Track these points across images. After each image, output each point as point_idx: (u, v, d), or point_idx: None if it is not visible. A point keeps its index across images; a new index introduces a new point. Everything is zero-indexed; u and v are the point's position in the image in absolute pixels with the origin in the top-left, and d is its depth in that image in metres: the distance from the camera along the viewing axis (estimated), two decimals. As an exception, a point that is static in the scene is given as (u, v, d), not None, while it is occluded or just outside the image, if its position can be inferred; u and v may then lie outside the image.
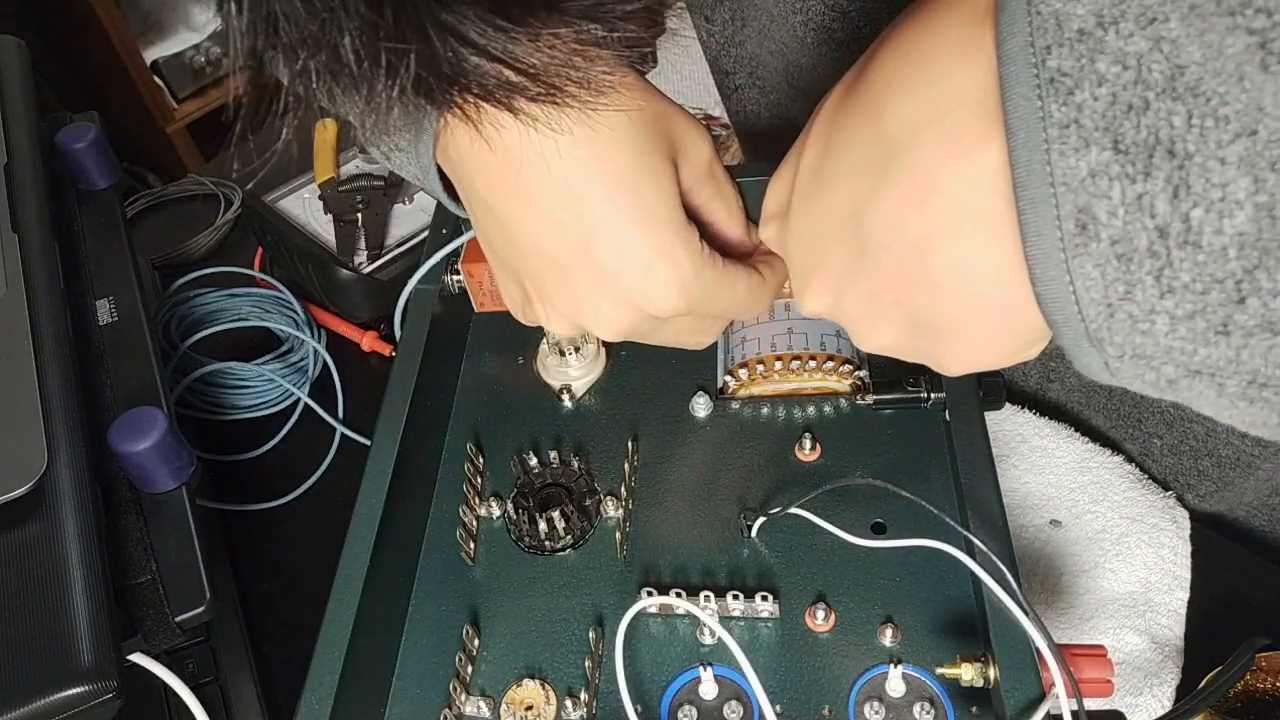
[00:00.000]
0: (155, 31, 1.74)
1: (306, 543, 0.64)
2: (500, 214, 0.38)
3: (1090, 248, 0.24)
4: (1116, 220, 0.23)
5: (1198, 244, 0.22)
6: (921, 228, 0.29)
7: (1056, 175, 0.23)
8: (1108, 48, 0.22)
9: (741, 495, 0.46)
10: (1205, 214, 0.21)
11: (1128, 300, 0.24)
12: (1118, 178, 0.22)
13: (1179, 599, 0.54)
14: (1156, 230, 0.22)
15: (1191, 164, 0.21)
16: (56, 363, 0.47)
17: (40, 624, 0.39)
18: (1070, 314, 0.25)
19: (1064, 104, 0.23)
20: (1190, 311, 0.23)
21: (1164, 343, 0.24)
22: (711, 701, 0.40)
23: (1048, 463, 0.60)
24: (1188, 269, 0.22)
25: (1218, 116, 0.21)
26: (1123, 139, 0.22)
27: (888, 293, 0.31)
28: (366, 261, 0.72)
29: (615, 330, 0.39)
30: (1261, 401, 0.24)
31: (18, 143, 0.59)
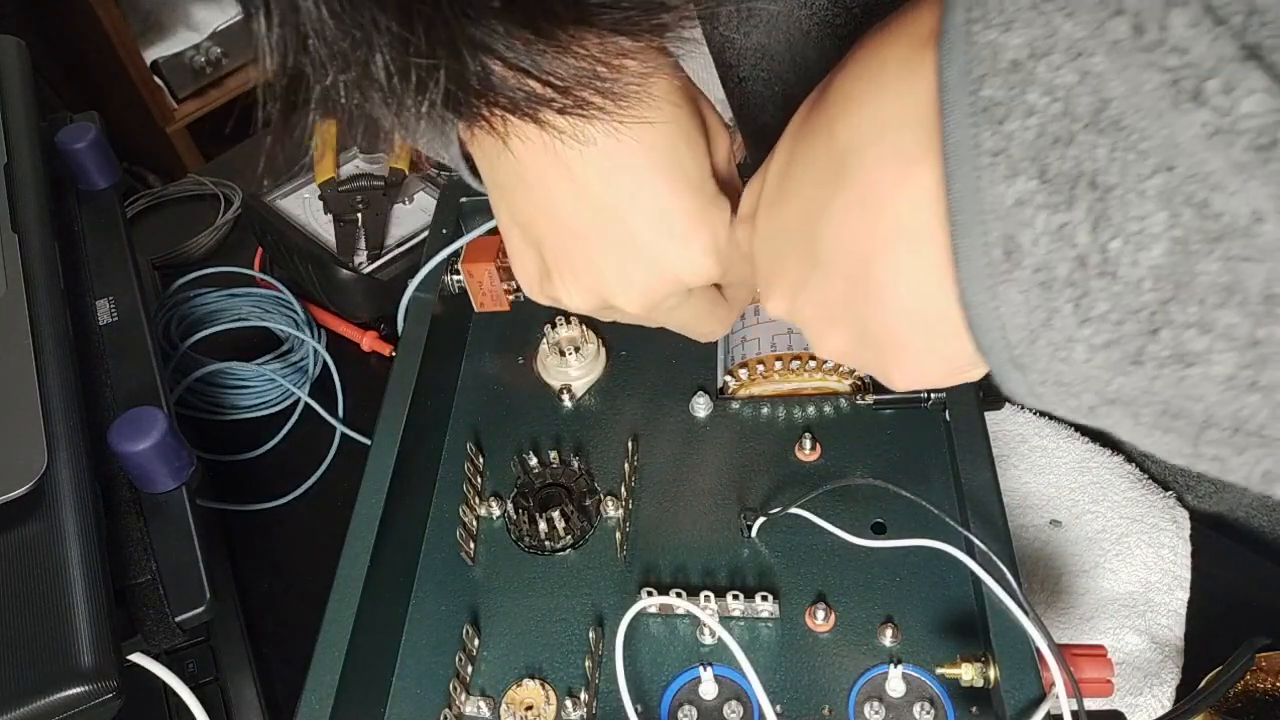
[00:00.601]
0: (155, 31, 1.74)
1: (306, 543, 0.64)
2: (532, 180, 0.37)
3: (1015, 274, 0.24)
4: (1039, 248, 0.23)
5: (1114, 274, 0.22)
6: (866, 242, 0.29)
7: (985, 202, 0.24)
8: (1038, 79, 0.22)
9: (741, 495, 0.46)
10: (1123, 245, 0.22)
11: (1048, 328, 0.24)
12: (1042, 207, 0.23)
13: (1179, 599, 0.53)
14: (1076, 260, 0.23)
15: (1112, 196, 0.22)
16: (56, 363, 0.47)
17: (40, 624, 0.39)
18: (996, 339, 0.25)
19: (995, 133, 0.23)
20: (1106, 341, 0.23)
21: (1082, 371, 0.24)
22: (711, 701, 0.40)
23: (1048, 463, 0.60)
24: (1105, 299, 0.23)
25: (1138, 151, 0.21)
26: (1048, 169, 0.23)
27: (837, 302, 0.32)
28: (366, 261, 0.72)
29: (639, 301, 0.39)
30: (1174, 432, 0.24)
31: (18, 143, 0.59)
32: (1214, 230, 0.21)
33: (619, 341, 0.53)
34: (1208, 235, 0.21)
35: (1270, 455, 0.22)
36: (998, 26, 0.23)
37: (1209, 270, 0.21)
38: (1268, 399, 0.21)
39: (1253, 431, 0.22)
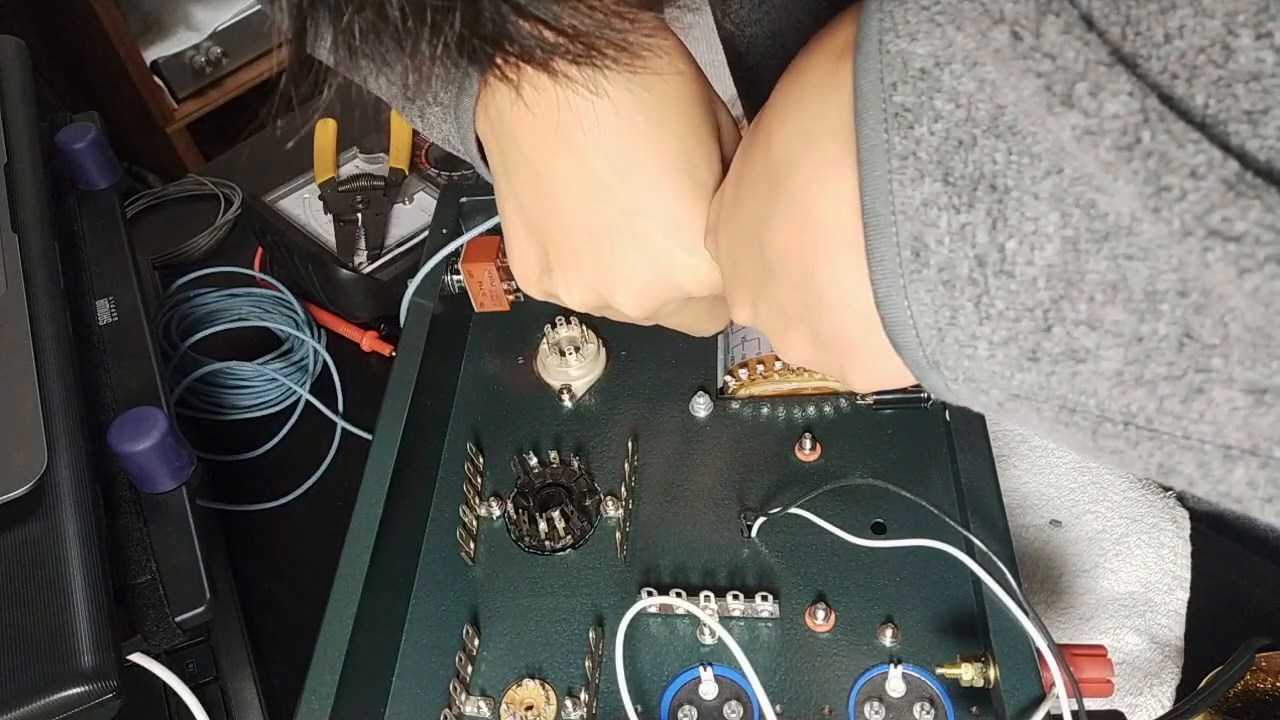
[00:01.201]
0: (155, 31, 1.74)
1: (306, 543, 0.64)
2: (542, 171, 0.37)
3: (922, 274, 0.25)
4: (943, 248, 0.24)
5: (1011, 273, 0.23)
6: (803, 249, 0.30)
7: (896, 204, 0.25)
8: (944, 86, 0.23)
9: (741, 495, 0.46)
10: (1019, 245, 0.23)
11: (953, 325, 0.25)
12: (945, 208, 0.24)
13: (1179, 599, 0.53)
14: (976, 259, 0.24)
15: (1009, 198, 0.23)
16: (56, 363, 0.47)
17: (40, 624, 0.39)
18: (910, 338, 0.26)
19: (905, 137, 0.24)
20: (1005, 338, 0.24)
21: (986, 367, 0.25)
22: (711, 701, 0.40)
23: (1048, 463, 0.60)
24: (1002, 297, 0.24)
25: (1031, 154, 0.22)
26: (952, 172, 0.24)
27: (790, 308, 0.33)
28: (366, 261, 0.72)
29: (641, 304, 0.39)
30: (1074, 426, 0.25)
31: (18, 143, 0.59)
32: (1101, 230, 0.21)
33: (619, 341, 0.53)
34: (1095, 235, 0.22)
35: (1160, 449, 0.23)
36: (905, 36, 0.24)
37: (1097, 269, 0.22)
38: (1152, 394, 0.22)
39: (1142, 425, 0.23)
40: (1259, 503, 0.22)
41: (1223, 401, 0.21)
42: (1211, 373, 0.21)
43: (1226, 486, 0.22)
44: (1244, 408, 0.21)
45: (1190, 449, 0.22)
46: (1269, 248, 0.19)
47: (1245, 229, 0.19)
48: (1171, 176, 0.20)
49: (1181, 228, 0.20)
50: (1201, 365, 0.21)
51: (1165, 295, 0.21)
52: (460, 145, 0.40)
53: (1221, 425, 0.21)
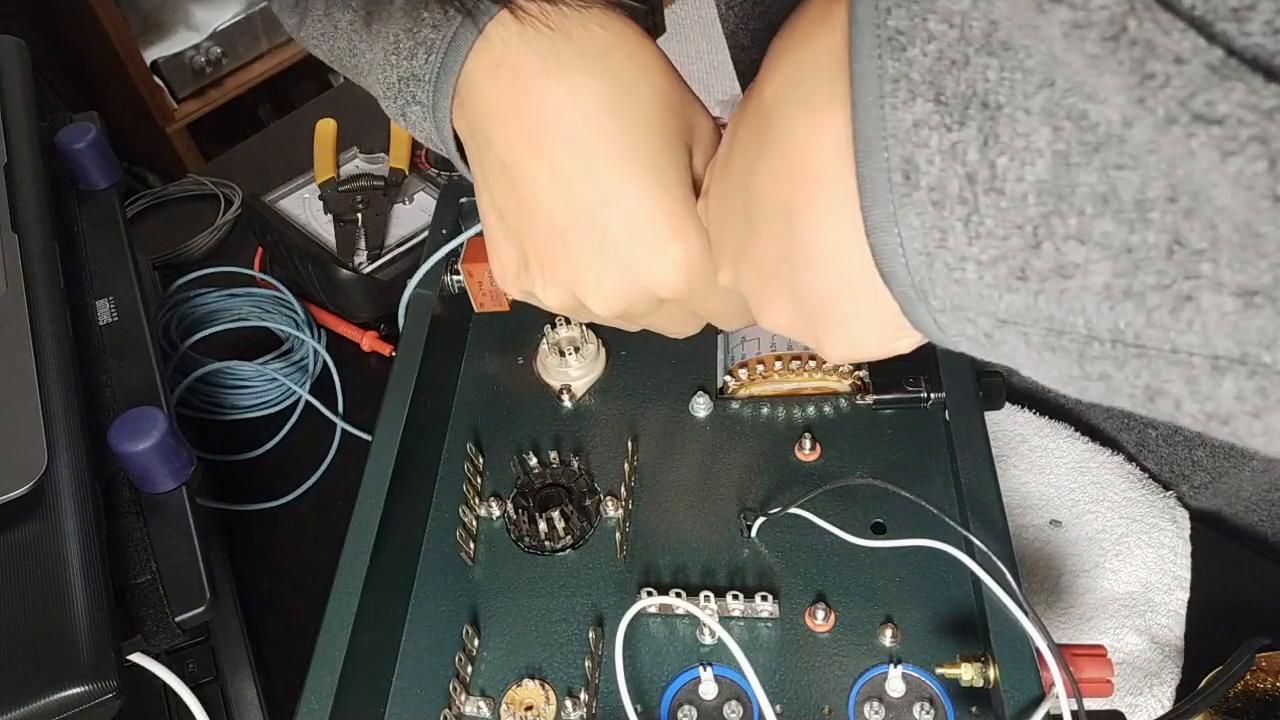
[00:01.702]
0: (155, 31, 1.74)
1: (306, 543, 0.64)
2: (514, 171, 0.37)
3: (912, 196, 0.25)
4: (933, 168, 0.24)
5: (1001, 190, 0.23)
6: (787, 197, 0.30)
7: (888, 127, 0.25)
8: (938, 7, 0.23)
9: (741, 495, 0.46)
10: (1009, 162, 0.23)
11: (942, 247, 0.25)
12: (936, 128, 0.24)
13: (1179, 599, 0.53)
14: (966, 177, 0.24)
15: (1001, 114, 0.23)
16: (56, 363, 0.47)
17: (40, 624, 0.39)
18: (899, 265, 0.26)
19: (897, 59, 0.24)
20: (994, 257, 0.24)
21: (974, 290, 0.25)
22: (711, 701, 0.40)
23: (1048, 463, 0.60)
24: (992, 215, 0.24)
25: (1024, 69, 0.22)
26: (944, 91, 0.24)
27: (771, 266, 0.33)
28: (366, 261, 0.72)
29: (610, 306, 0.39)
30: (1061, 350, 0.25)
31: (18, 143, 0.59)
32: (1091, 141, 0.21)
33: (619, 341, 0.53)
34: (1086, 146, 0.22)
35: (1148, 368, 0.23)
36: None
37: (1088, 181, 0.22)
38: (1140, 306, 0.22)
39: (1130, 342, 0.23)
40: (1246, 418, 0.22)
41: (1211, 308, 0.21)
42: (1200, 279, 0.21)
43: (1214, 403, 0.22)
44: (1233, 312, 0.21)
45: (1178, 364, 0.22)
46: (1251, 128, 0.19)
47: (1228, 111, 0.19)
48: (1156, 63, 0.19)
49: (1166, 115, 0.20)
50: (1190, 272, 0.21)
51: (1155, 203, 0.21)
52: (441, 145, 0.41)
53: (1210, 334, 0.21)
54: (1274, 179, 0.19)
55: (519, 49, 0.35)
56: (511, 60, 0.35)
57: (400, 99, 0.39)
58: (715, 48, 0.64)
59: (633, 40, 0.36)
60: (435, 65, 0.37)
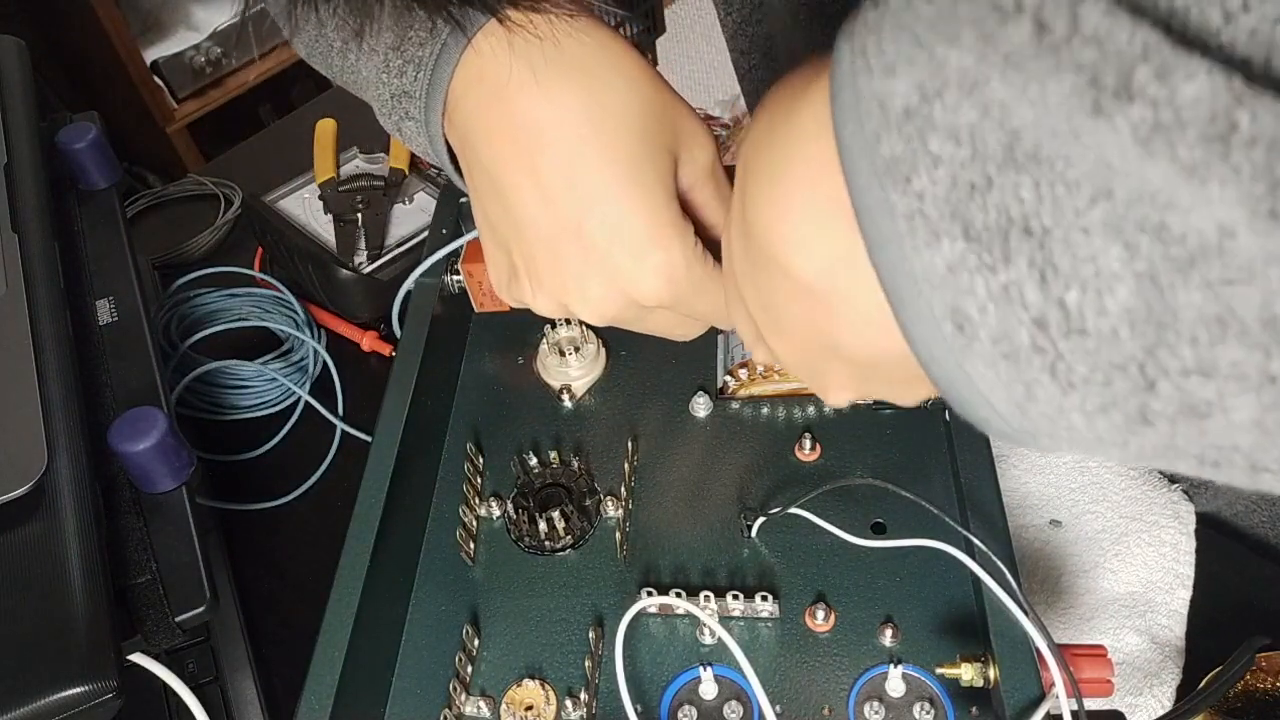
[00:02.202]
0: (155, 31, 1.74)
1: (306, 543, 0.64)
2: (500, 182, 0.38)
3: (974, 348, 0.21)
4: (989, 317, 0.20)
5: (1083, 330, 0.19)
6: (811, 315, 0.28)
7: (917, 273, 0.21)
8: (937, 124, 0.19)
9: (741, 495, 0.46)
10: (1082, 295, 0.19)
11: (1032, 400, 0.21)
12: (977, 269, 0.20)
13: (1179, 599, 0.53)
14: (1034, 322, 0.20)
15: (1052, 240, 0.19)
16: (56, 363, 0.47)
17: (40, 624, 0.39)
18: (988, 414, 0.23)
19: (904, 192, 0.21)
20: (1101, 405, 0.20)
21: (1089, 435, 0.21)
22: (711, 701, 0.40)
23: (1048, 463, 0.60)
24: (1081, 360, 0.20)
25: (1067, 182, 0.18)
26: (972, 224, 0.20)
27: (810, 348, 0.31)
28: (366, 261, 0.72)
29: (599, 314, 0.39)
30: (1228, 465, 0.21)
31: (18, 143, 0.59)
32: (1182, 255, 0.17)
33: (619, 341, 0.53)
34: (1176, 262, 0.18)
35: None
36: (880, 72, 0.20)
37: (1191, 302, 0.18)
38: None
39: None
40: None
41: None
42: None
43: None
44: None
45: None
46: None
47: None
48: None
49: (1269, 212, 0.16)
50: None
51: None
52: (436, 159, 0.41)
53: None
54: None
55: (502, 62, 0.35)
56: (495, 73, 0.35)
57: (394, 115, 0.40)
58: (715, 48, 0.64)
59: (614, 49, 0.37)
60: (424, 81, 0.37)
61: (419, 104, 0.38)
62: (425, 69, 0.37)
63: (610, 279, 0.38)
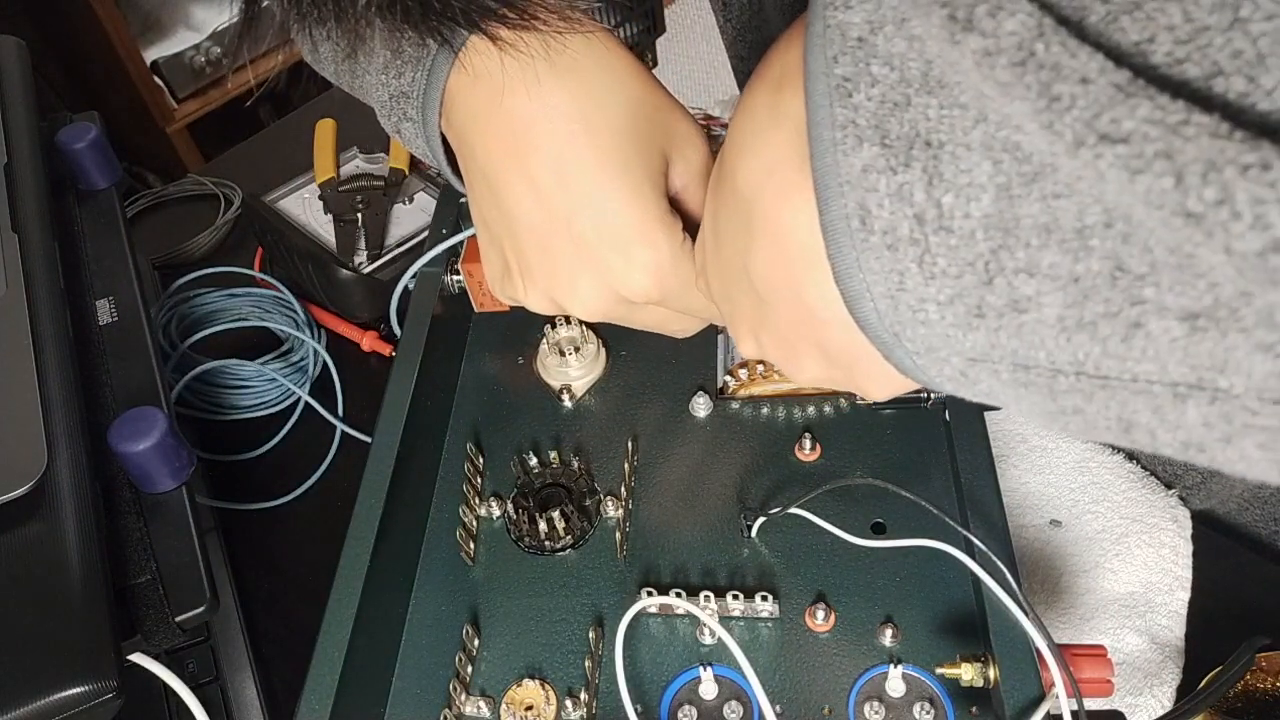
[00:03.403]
0: (155, 31, 1.74)
1: (306, 543, 0.64)
2: (494, 181, 0.38)
3: (870, 241, 0.25)
4: (884, 211, 0.24)
5: (949, 228, 0.23)
6: (787, 275, 0.30)
7: (841, 174, 0.25)
8: (878, 51, 0.24)
9: (741, 495, 0.46)
10: (955, 199, 0.23)
11: (902, 290, 0.25)
12: (883, 171, 0.24)
13: (1179, 599, 0.53)
14: (915, 218, 0.24)
15: (943, 152, 0.23)
16: (56, 363, 0.47)
17: (40, 624, 0.39)
18: (869, 311, 0.26)
19: (845, 106, 0.25)
20: (950, 296, 0.24)
21: (939, 330, 0.25)
22: (711, 701, 0.40)
23: (1048, 463, 0.60)
24: (943, 253, 0.24)
25: (960, 105, 0.22)
26: (889, 134, 0.24)
27: (791, 333, 0.33)
28: (366, 261, 0.72)
29: (591, 310, 0.39)
30: (1032, 385, 0.25)
31: (18, 143, 0.59)
32: (1029, 172, 0.21)
33: (619, 341, 0.53)
34: (1025, 178, 0.22)
35: (1114, 399, 0.23)
36: (843, 6, 0.24)
37: (1030, 213, 0.22)
38: (1094, 336, 0.22)
39: (1092, 374, 0.23)
40: (1219, 445, 0.22)
41: (1160, 333, 0.21)
42: (1146, 304, 0.21)
43: (1185, 432, 0.22)
44: (1181, 337, 0.21)
45: (1141, 393, 0.22)
46: (1156, 144, 0.18)
47: (1133, 127, 0.18)
48: (1062, 85, 0.19)
49: (1074, 138, 0.19)
50: (1135, 298, 0.21)
51: (1093, 230, 0.21)
52: (435, 160, 0.41)
53: (1164, 360, 0.21)
54: (1183, 195, 0.18)
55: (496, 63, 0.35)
56: (488, 74, 0.36)
57: (393, 116, 0.40)
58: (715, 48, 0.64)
59: (605, 50, 0.37)
60: (421, 82, 0.38)
61: (416, 104, 0.39)
62: (422, 70, 0.38)
63: (600, 275, 0.38)
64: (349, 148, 0.82)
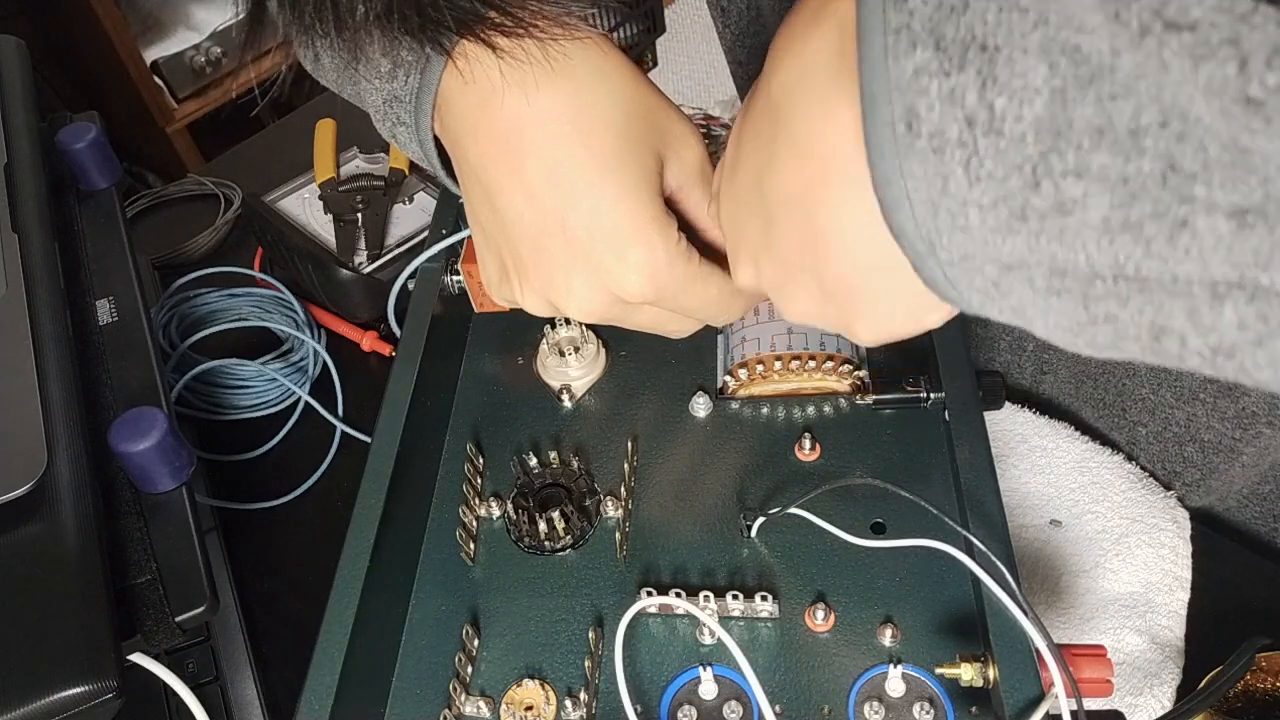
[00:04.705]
0: (155, 31, 1.74)
1: (306, 543, 0.64)
2: (488, 184, 0.38)
3: (915, 145, 0.25)
4: (933, 114, 0.24)
5: (1000, 131, 0.23)
6: (803, 187, 0.30)
7: (892, 79, 0.25)
8: None
9: (741, 495, 0.46)
10: (1008, 102, 0.23)
11: (945, 194, 0.25)
12: (935, 74, 0.24)
13: (1179, 599, 0.54)
14: (965, 120, 0.24)
15: (999, 56, 0.23)
16: (56, 363, 0.47)
17: (40, 624, 0.39)
18: (906, 218, 0.26)
19: (899, 10, 0.25)
20: (994, 199, 0.24)
21: (977, 236, 0.25)
22: (711, 701, 0.40)
23: (1048, 463, 0.60)
24: (991, 156, 0.24)
25: (1019, 8, 0.22)
26: (944, 38, 0.24)
27: (793, 258, 0.33)
28: (366, 261, 0.72)
29: (586, 311, 0.39)
30: (1066, 293, 0.25)
31: (18, 143, 0.59)
32: (1086, 74, 0.22)
33: (619, 341, 0.53)
34: (1081, 80, 0.22)
35: (1150, 302, 0.23)
36: None
37: (1084, 115, 0.22)
38: (1138, 237, 0.22)
39: (1131, 276, 0.23)
40: (1250, 348, 0.22)
41: (1206, 231, 0.21)
42: (1195, 202, 0.21)
43: (1217, 335, 0.22)
44: (1227, 234, 0.21)
45: (1179, 295, 0.22)
46: (1223, 31, 0.18)
47: (1200, 15, 0.19)
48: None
49: (1140, 27, 0.20)
50: (1185, 196, 0.21)
51: (1148, 130, 0.21)
52: (429, 164, 0.41)
53: (1207, 259, 0.21)
54: (1245, 81, 0.18)
55: (488, 65, 0.35)
56: (481, 76, 0.36)
57: (387, 120, 0.41)
58: (715, 48, 0.64)
59: (597, 51, 0.37)
60: (414, 85, 0.38)
61: (409, 108, 0.39)
62: (415, 73, 0.38)
63: (594, 275, 0.38)
64: (349, 148, 0.82)
